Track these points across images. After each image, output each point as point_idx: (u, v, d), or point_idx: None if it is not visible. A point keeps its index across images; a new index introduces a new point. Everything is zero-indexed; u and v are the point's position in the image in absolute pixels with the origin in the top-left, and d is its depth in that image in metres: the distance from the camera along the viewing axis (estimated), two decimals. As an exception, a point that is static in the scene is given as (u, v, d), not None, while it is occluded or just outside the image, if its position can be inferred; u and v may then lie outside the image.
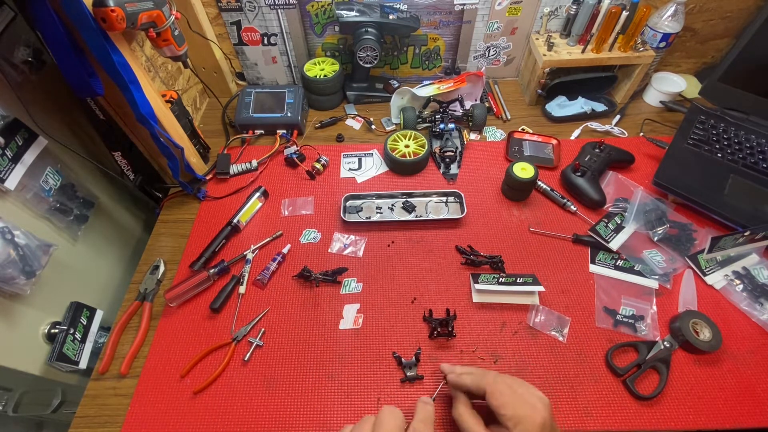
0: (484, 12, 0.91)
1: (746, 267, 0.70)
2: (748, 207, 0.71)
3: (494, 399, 0.45)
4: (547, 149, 0.89)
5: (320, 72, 0.95)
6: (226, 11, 0.89)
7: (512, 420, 0.43)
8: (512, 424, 0.43)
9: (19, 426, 0.69)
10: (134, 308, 0.68)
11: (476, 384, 0.48)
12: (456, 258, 0.73)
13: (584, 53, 0.89)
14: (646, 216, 0.75)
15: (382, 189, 0.83)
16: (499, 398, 0.45)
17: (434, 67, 1.03)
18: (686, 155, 0.80)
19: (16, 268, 0.56)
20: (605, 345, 0.63)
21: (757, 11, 0.90)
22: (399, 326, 0.66)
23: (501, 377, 0.48)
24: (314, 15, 0.90)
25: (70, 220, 0.70)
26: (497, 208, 0.80)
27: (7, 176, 0.58)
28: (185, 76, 0.94)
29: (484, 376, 0.48)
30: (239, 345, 0.64)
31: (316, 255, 0.74)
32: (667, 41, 0.89)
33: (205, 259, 0.72)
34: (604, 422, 0.56)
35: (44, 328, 0.64)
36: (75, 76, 0.59)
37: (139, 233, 0.91)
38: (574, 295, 0.68)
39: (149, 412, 0.59)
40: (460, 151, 0.87)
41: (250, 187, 0.83)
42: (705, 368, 0.60)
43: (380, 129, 0.95)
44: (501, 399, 0.45)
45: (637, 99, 1.00)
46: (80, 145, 0.75)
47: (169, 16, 0.62)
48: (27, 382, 0.63)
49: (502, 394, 0.45)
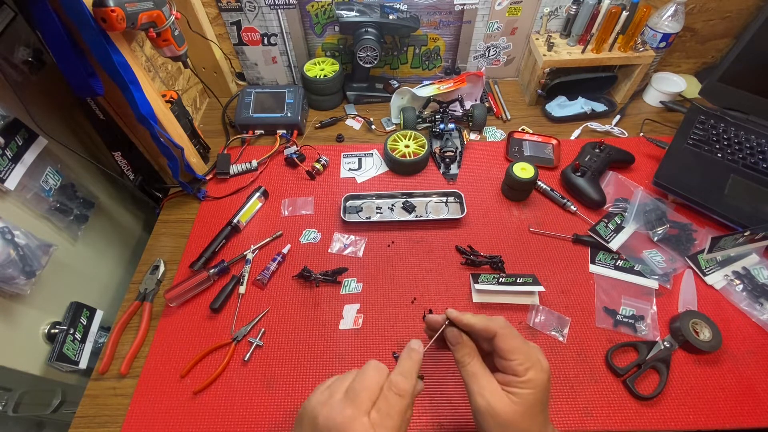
0: (484, 12, 0.91)
1: (746, 267, 0.70)
2: (748, 207, 0.71)
3: (504, 342, 0.43)
4: (547, 149, 0.89)
5: (320, 72, 0.95)
6: (226, 11, 0.89)
7: (524, 365, 0.41)
8: (523, 369, 0.41)
9: (19, 426, 0.69)
10: (134, 308, 0.68)
11: (485, 325, 0.44)
12: (456, 258, 0.73)
13: (584, 53, 0.89)
14: (646, 216, 0.75)
15: (382, 189, 0.83)
16: (510, 342, 0.43)
17: (434, 67, 1.03)
18: (686, 155, 0.80)
19: (16, 268, 0.56)
20: (605, 345, 0.63)
21: (757, 11, 0.90)
22: (399, 326, 0.66)
23: (510, 324, 0.45)
24: (314, 15, 0.90)
25: (70, 220, 0.70)
26: (497, 208, 0.80)
27: (7, 176, 0.58)
28: (185, 76, 0.94)
29: (493, 319, 0.45)
30: (239, 345, 0.64)
31: (316, 255, 0.74)
32: (667, 41, 0.89)
33: (205, 259, 0.71)
34: (604, 422, 0.56)
35: (44, 328, 0.64)
36: (75, 76, 0.59)
37: (139, 233, 0.91)
38: (574, 295, 0.68)
39: (149, 412, 0.59)
40: (460, 151, 0.87)
41: (250, 187, 0.83)
42: (705, 368, 0.60)
43: (380, 129, 0.95)
44: (512, 343, 0.43)
45: (637, 99, 1.00)
46: (80, 145, 0.75)
47: (169, 16, 0.62)
48: (27, 382, 0.62)
49: (513, 338, 0.43)
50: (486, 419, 0.42)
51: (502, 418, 0.41)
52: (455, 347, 0.47)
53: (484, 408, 0.42)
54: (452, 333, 0.47)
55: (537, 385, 0.41)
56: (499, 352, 0.43)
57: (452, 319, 0.47)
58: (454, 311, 0.47)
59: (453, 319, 0.47)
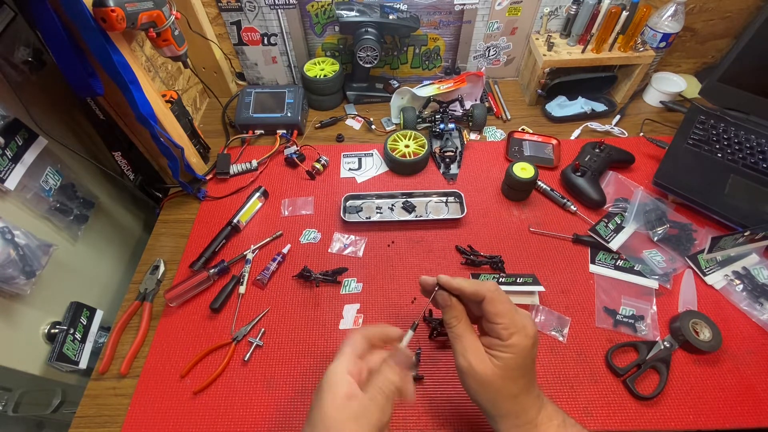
0: (484, 12, 0.91)
1: (746, 267, 0.70)
2: (748, 207, 0.71)
3: (492, 306, 0.44)
4: (547, 149, 0.89)
5: (320, 72, 0.95)
6: (226, 11, 0.89)
7: (509, 329, 0.43)
8: (507, 333, 0.43)
9: (19, 426, 0.69)
10: (134, 308, 0.68)
11: (474, 288, 0.45)
12: (456, 258, 0.73)
13: (584, 53, 0.89)
14: (646, 216, 0.75)
15: (382, 189, 0.83)
16: (498, 306, 0.44)
17: (434, 67, 1.03)
18: (686, 155, 0.80)
19: (16, 268, 0.56)
20: (605, 345, 0.63)
21: (757, 11, 0.90)
22: (399, 326, 0.65)
23: (500, 289, 0.46)
24: (314, 15, 0.90)
25: (70, 220, 0.70)
26: (497, 208, 0.80)
27: (7, 176, 0.58)
28: (185, 76, 0.94)
29: (483, 283, 0.47)
30: (239, 345, 0.64)
31: (316, 255, 0.74)
32: (667, 41, 0.89)
33: (205, 259, 0.71)
34: (604, 422, 0.56)
35: (44, 328, 0.64)
36: (75, 76, 0.59)
37: (139, 233, 0.91)
38: (574, 295, 0.68)
39: (149, 412, 0.59)
40: (460, 151, 0.87)
41: (250, 187, 0.83)
42: (705, 368, 0.60)
43: (380, 129, 0.95)
44: (500, 307, 0.44)
45: (637, 99, 1.00)
46: (80, 145, 0.75)
47: (169, 16, 0.62)
48: (27, 382, 0.62)
49: (502, 302, 0.44)
50: (467, 378, 0.44)
51: (481, 378, 0.43)
52: (444, 309, 0.48)
53: (466, 368, 0.44)
54: (442, 296, 0.48)
55: (519, 350, 0.42)
56: (486, 315, 0.45)
57: (442, 283, 0.48)
58: (445, 276, 0.48)
59: (443, 283, 0.48)
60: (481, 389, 0.44)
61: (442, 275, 0.49)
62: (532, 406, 0.44)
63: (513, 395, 0.43)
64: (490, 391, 0.43)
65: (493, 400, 0.43)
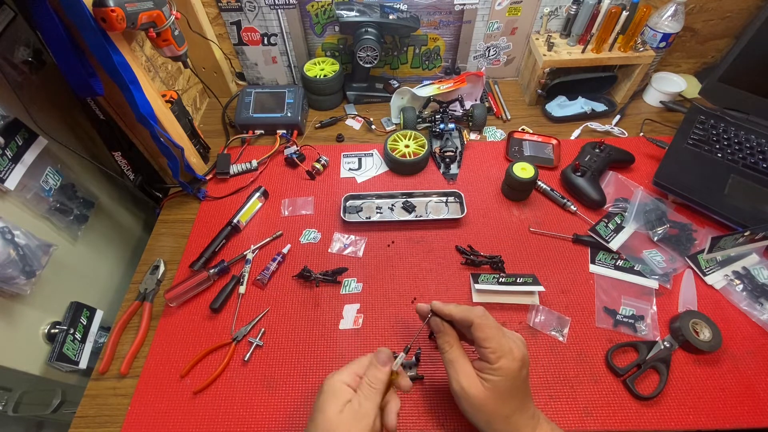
0: (484, 12, 0.91)
1: (746, 267, 0.70)
2: (748, 207, 0.71)
3: (480, 331, 0.46)
4: (547, 149, 0.89)
5: (320, 72, 0.95)
6: (226, 11, 0.89)
7: (496, 353, 0.45)
8: (495, 357, 0.45)
9: (19, 426, 0.69)
10: (134, 308, 0.68)
11: (463, 315, 0.48)
12: (456, 258, 0.73)
13: (584, 53, 0.89)
14: (646, 216, 0.75)
15: (382, 189, 0.83)
16: (485, 331, 0.46)
17: (434, 67, 1.03)
18: (686, 155, 0.80)
19: (16, 268, 0.56)
20: (605, 345, 0.63)
21: (757, 11, 0.90)
22: (399, 326, 0.66)
23: (488, 314, 0.48)
24: (314, 15, 0.90)
25: (70, 220, 0.70)
26: (497, 208, 0.80)
27: (7, 176, 0.58)
28: (185, 76, 0.94)
29: (471, 309, 0.49)
30: (239, 345, 0.64)
31: (316, 255, 0.74)
32: (667, 41, 0.89)
33: (205, 259, 0.71)
34: (604, 422, 0.56)
35: (44, 328, 0.64)
36: (75, 76, 0.59)
37: (139, 233, 0.91)
38: (574, 295, 0.68)
39: (149, 412, 0.59)
40: (460, 151, 0.87)
41: (250, 187, 0.83)
42: (705, 368, 0.60)
43: (380, 129, 0.95)
44: (487, 332, 0.46)
45: (637, 99, 1.00)
46: (80, 145, 0.75)
47: (169, 16, 0.62)
48: (27, 382, 0.62)
49: (489, 327, 0.46)
50: (461, 402, 0.47)
51: (473, 401, 0.45)
52: (438, 335, 0.51)
53: (459, 392, 0.46)
54: (435, 322, 0.52)
55: (508, 373, 0.44)
56: (475, 340, 0.47)
57: (435, 310, 0.52)
58: (438, 303, 0.52)
59: (435, 310, 0.51)
60: (475, 411, 0.46)
61: (435, 302, 0.52)
62: (526, 426, 0.45)
63: (505, 416, 0.45)
64: (483, 413, 0.45)
65: (487, 422, 0.45)
